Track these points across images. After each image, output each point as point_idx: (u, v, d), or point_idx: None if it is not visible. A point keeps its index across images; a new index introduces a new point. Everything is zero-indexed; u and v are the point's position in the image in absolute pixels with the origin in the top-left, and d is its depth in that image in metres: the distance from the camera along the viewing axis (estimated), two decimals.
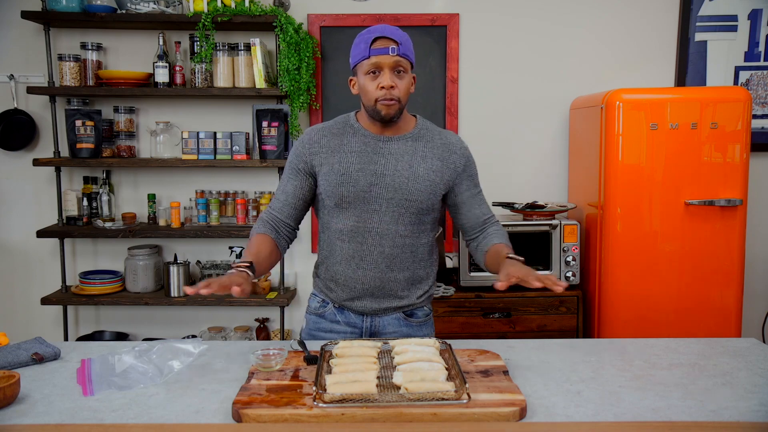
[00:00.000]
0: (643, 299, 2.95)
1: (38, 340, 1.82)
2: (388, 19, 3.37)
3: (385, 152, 1.88)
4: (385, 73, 1.80)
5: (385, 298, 1.92)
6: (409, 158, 1.88)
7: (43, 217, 3.50)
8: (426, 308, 2.02)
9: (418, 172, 1.87)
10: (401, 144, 1.90)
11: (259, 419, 1.37)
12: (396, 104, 1.83)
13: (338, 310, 1.97)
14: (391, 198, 1.86)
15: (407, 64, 1.83)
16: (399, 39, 1.80)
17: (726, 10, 3.40)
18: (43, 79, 3.40)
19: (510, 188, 3.50)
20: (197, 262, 3.50)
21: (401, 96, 1.83)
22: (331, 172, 1.87)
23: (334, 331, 1.97)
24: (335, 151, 1.89)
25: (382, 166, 1.87)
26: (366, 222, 1.87)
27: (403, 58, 1.81)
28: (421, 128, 1.95)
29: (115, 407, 1.46)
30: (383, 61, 1.80)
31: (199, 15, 3.16)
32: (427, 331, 2.01)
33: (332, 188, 1.87)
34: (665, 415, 1.42)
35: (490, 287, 3.07)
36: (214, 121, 3.47)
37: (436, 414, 1.37)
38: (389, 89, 1.80)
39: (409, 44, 1.83)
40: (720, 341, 1.92)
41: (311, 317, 2.02)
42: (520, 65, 3.46)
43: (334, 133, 1.92)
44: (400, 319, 1.96)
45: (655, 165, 2.90)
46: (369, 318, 1.95)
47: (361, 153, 1.88)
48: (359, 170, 1.86)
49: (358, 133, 1.91)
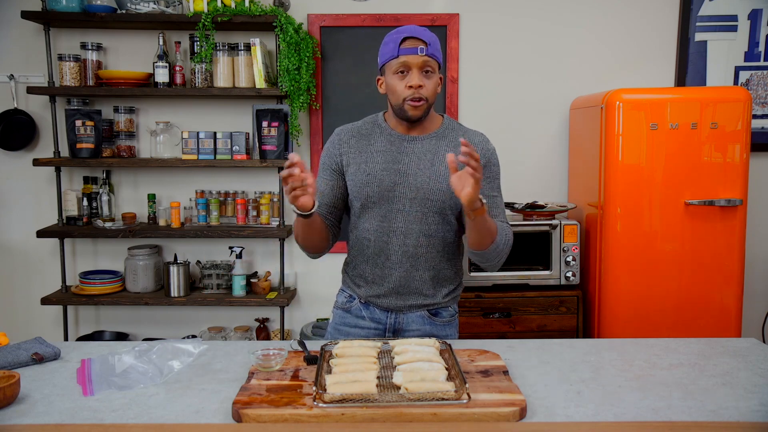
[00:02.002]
0: (643, 299, 2.95)
1: (38, 340, 1.82)
2: (388, 19, 3.38)
3: (409, 152, 1.90)
4: (413, 72, 1.81)
5: (410, 295, 1.94)
6: (432, 157, 1.89)
7: (43, 217, 3.50)
8: (451, 308, 2.02)
9: (439, 171, 1.88)
10: (425, 143, 1.91)
11: (259, 419, 1.37)
12: (423, 104, 1.84)
13: (364, 305, 1.98)
14: (414, 197, 1.87)
15: (435, 65, 1.84)
16: (428, 39, 1.81)
17: (726, 10, 3.40)
18: (43, 79, 3.40)
19: (510, 188, 3.48)
20: (197, 262, 3.50)
21: (428, 95, 1.84)
22: (358, 172, 1.90)
23: (359, 326, 1.98)
24: (362, 151, 1.92)
25: (405, 165, 1.88)
26: (391, 221, 1.89)
27: (432, 58, 1.82)
28: (446, 127, 1.95)
29: (115, 407, 1.46)
30: (412, 61, 1.81)
31: (199, 15, 3.16)
32: (450, 332, 2.01)
33: (358, 188, 1.89)
34: (665, 415, 1.42)
35: (490, 287, 3.09)
36: (214, 121, 3.47)
37: (436, 414, 1.37)
38: (417, 88, 1.81)
39: (437, 44, 1.85)
40: (720, 341, 1.92)
41: (338, 312, 2.05)
42: (520, 65, 3.46)
43: (363, 134, 1.94)
44: (424, 317, 1.96)
45: (655, 165, 2.90)
46: (393, 314, 1.96)
47: (386, 152, 1.90)
48: (384, 170, 1.88)
49: (384, 133, 1.93)
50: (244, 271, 3.37)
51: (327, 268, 3.53)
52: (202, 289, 3.46)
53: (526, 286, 3.11)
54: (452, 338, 2.00)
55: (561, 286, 3.11)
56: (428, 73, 1.83)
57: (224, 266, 3.43)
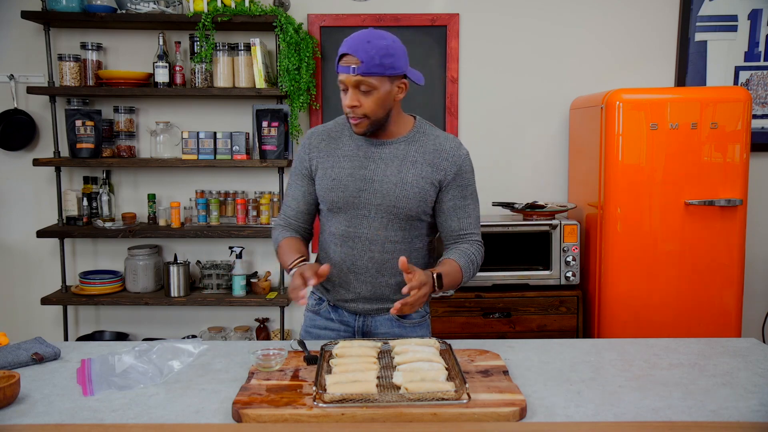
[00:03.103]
0: (643, 299, 2.95)
1: (38, 340, 1.82)
2: (388, 19, 3.38)
3: (376, 157, 1.86)
4: (349, 91, 1.76)
5: (377, 300, 1.92)
6: (399, 163, 1.85)
7: (43, 217, 3.50)
8: (422, 310, 2.00)
9: (406, 179, 1.84)
10: (393, 148, 1.86)
11: (259, 419, 1.37)
12: (363, 121, 1.79)
13: (332, 308, 1.97)
14: (380, 204, 1.84)
15: (375, 82, 1.73)
16: (363, 57, 1.70)
17: (726, 10, 3.40)
18: (43, 79, 3.40)
19: (510, 188, 3.50)
20: (197, 262, 3.50)
21: (367, 113, 1.77)
22: (325, 176, 1.88)
23: (329, 328, 1.97)
24: (330, 155, 1.89)
25: (371, 172, 1.85)
26: (357, 227, 1.86)
27: (367, 76, 1.72)
28: (417, 131, 1.90)
29: (115, 407, 1.46)
30: (345, 80, 1.75)
31: (199, 15, 3.16)
32: (421, 333, 1.99)
33: (324, 192, 1.88)
34: (665, 415, 1.42)
35: (490, 287, 3.09)
36: (214, 121, 3.47)
37: (436, 414, 1.37)
38: (351, 108, 1.77)
39: (380, 59, 1.71)
40: (720, 341, 1.92)
41: (308, 314, 2.04)
42: (520, 65, 3.46)
43: (332, 137, 1.92)
44: (392, 320, 1.95)
45: (655, 165, 2.90)
46: (362, 318, 1.95)
47: (354, 158, 1.86)
48: (350, 175, 1.85)
49: (353, 136, 1.89)
50: (244, 271, 3.37)
51: None
52: (202, 289, 3.46)
53: (526, 286, 3.11)
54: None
55: (561, 286, 3.11)
56: (366, 92, 1.75)
57: (224, 266, 3.43)
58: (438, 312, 3.03)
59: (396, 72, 1.77)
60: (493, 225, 3.10)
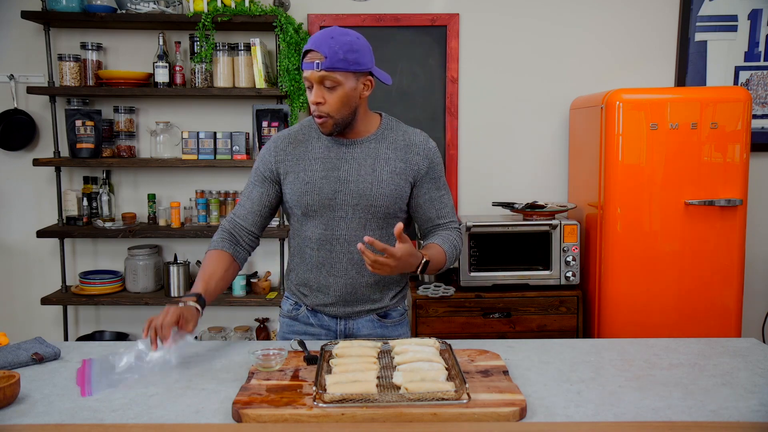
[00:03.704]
0: (643, 299, 2.95)
1: (38, 340, 1.82)
2: (388, 19, 3.38)
3: (349, 157, 1.84)
4: (314, 88, 1.75)
5: (357, 302, 1.91)
6: (372, 162, 1.84)
7: (43, 217, 3.50)
8: (400, 308, 2.00)
9: (381, 177, 1.83)
10: (365, 147, 1.85)
11: (259, 419, 1.37)
12: (327, 120, 1.77)
13: (311, 312, 1.95)
14: (357, 204, 1.83)
15: (339, 77, 1.72)
16: (327, 52, 1.70)
17: (726, 10, 3.40)
18: (43, 79, 3.40)
19: (510, 188, 3.50)
20: (197, 262, 3.50)
21: (330, 111, 1.76)
22: (296, 180, 1.85)
23: (309, 333, 1.96)
24: (300, 159, 1.86)
25: (345, 172, 1.83)
26: (333, 230, 1.85)
27: (331, 72, 1.71)
28: (384, 128, 1.89)
29: (115, 407, 1.46)
30: (309, 77, 1.74)
31: (199, 15, 3.16)
32: (402, 331, 1.99)
33: (297, 197, 1.85)
34: (665, 415, 1.42)
35: (491, 287, 3.09)
36: (214, 121, 3.47)
37: (436, 414, 1.37)
38: (315, 105, 1.76)
39: (344, 54, 1.71)
40: (720, 341, 1.92)
41: (285, 320, 2.01)
42: (520, 65, 3.46)
43: (300, 140, 1.89)
44: (374, 321, 1.94)
45: (655, 165, 2.90)
46: (343, 321, 1.93)
47: (325, 159, 1.85)
48: (323, 178, 1.83)
49: (322, 137, 1.87)
50: (244, 271, 3.37)
51: None
52: None
53: (526, 286, 3.11)
54: (405, 337, 1.97)
55: (561, 286, 3.11)
56: (330, 89, 1.74)
57: None
58: (438, 312, 3.03)
59: (360, 68, 1.75)
60: (493, 225, 3.10)
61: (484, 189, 3.45)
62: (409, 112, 3.43)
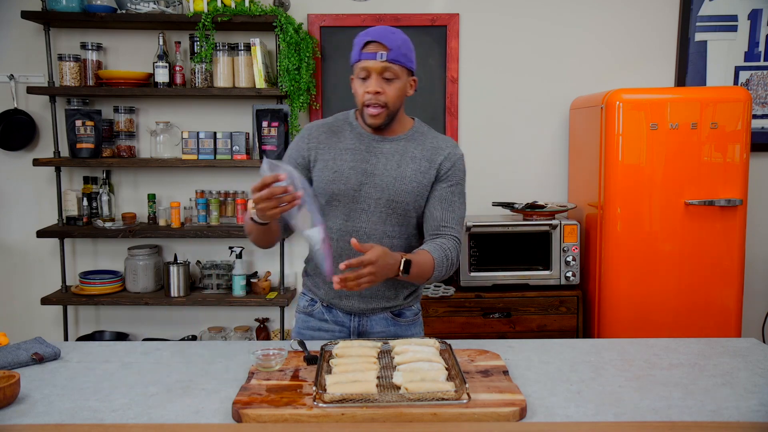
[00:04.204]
0: (643, 299, 2.95)
1: (38, 340, 1.82)
2: (388, 19, 3.37)
3: (378, 152, 1.88)
4: (372, 78, 1.79)
5: (372, 298, 1.92)
6: (399, 158, 1.87)
7: (43, 217, 3.50)
8: (414, 308, 2.01)
9: (405, 173, 1.86)
10: (393, 145, 1.89)
11: (259, 419, 1.37)
12: (383, 111, 1.81)
13: (326, 308, 1.97)
14: (379, 198, 1.85)
15: (398, 70, 1.80)
16: (390, 44, 1.77)
17: (726, 10, 3.40)
18: (43, 79, 3.40)
19: (510, 188, 3.50)
20: (197, 262, 3.50)
21: (388, 101, 1.81)
22: (325, 168, 1.88)
23: (323, 329, 1.97)
24: (331, 148, 1.89)
25: (372, 165, 1.86)
26: (355, 221, 1.87)
27: (393, 63, 1.78)
28: (416, 131, 1.93)
29: (115, 407, 1.46)
30: (370, 66, 1.78)
31: (199, 15, 3.16)
32: (415, 331, 2.00)
33: (324, 184, 1.87)
34: (665, 415, 1.42)
35: (491, 287, 3.09)
36: (214, 121, 3.47)
37: (436, 414, 1.37)
38: (374, 94, 1.79)
39: (404, 49, 1.80)
40: (720, 341, 1.92)
41: (300, 316, 2.03)
42: (520, 65, 3.46)
43: (333, 130, 1.93)
44: (388, 319, 1.95)
45: (655, 165, 2.90)
46: (357, 317, 1.94)
47: (355, 151, 1.88)
48: (351, 168, 1.86)
49: (355, 131, 1.91)
50: (244, 271, 3.37)
51: None
52: (202, 289, 3.46)
53: (526, 286, 3.11)
54: (418, 337, 1.97)
55: (561, 286, 3.11)
56: (389, 80, 1.79)
57: (224, 266, 3.43)
58: (438, 312, 3.03)
59: (413, 67, 1.85)
60: (493, 225, 3.10)
61: (484, 189, 3.44)
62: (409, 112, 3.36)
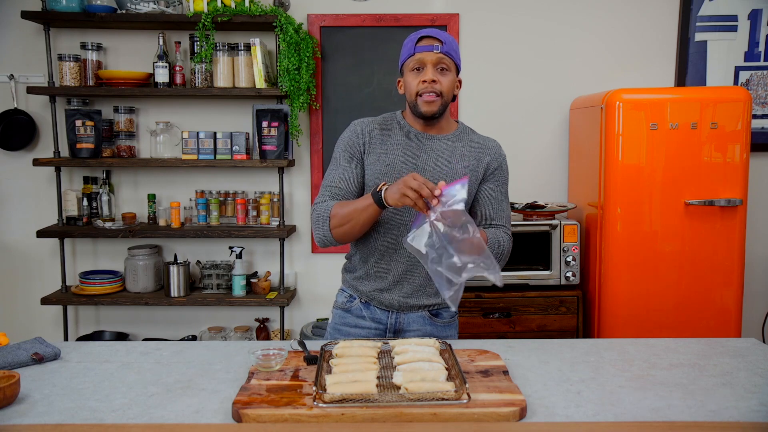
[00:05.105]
0: (643, 299, 2.95)
1: (38, 340, 1.82)
2: (388, 19, 3.38)
3: (427, 149, 1.93)
4: (427, 68, 1.86)
5: (413, 294, 1.94)
6: (449, 155, 1.93)
7: (43, 217, 3.50)
8: (452, 309, 2.01)
9: (456, 170, 1.91)
10: (442, 143, 1.94)
11: (259, 419, 1.37)
12: (438, 100, 1.87)
13: (365, 305, 1.98)
14: None
15: (450, 63, 1.88)
16: (443, 39, 1.87)
17: (726, 10, 3.40)
18: (43, 79, 3.40)
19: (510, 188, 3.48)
20: (197, 262, 3.50)
21: (443, 90, 1.87)
22: (377, 162, 1.92)
23: (360, 326, 1.98)
24: (383, 143, 1.94)
25: (423, 161, 1.91)
26: (403, 215, 1.90)
27: (446, 56, 1.86)
28: (461, 132, 1.99)
29: (115, 407, 1.46)
30: (426, 58, 1.85)
31: (199, 15, 3.16)
32: (450, 332, 2.02)
33: (376, 178, 1.91)
34: (665, 415, 1.42)
35: (491, 287, 3.09)
36: (214, 121, 3.47)
37: (436, 414, 1.37)
38: (431, 83, 1.85)
39: (454, 45, 1.90)
40: (720, 341, 1.92)
41: (338, 312, 2.05)
42: (520, 65, 3.46)
43: (383, 127, 1.97)
44: (425, 318, 1.97)
45: (655, 165, 2.90)
46: (395, 314, 1.96)
47: (406, 147, 1.93)
48: (403, 162, 1.91)
49: (404, 129, 1.96)
50: (244, 271, 3.37)
51: (327, 268, 3.53)
52: (202, 289, 3.46)
53: (526, 286, 3.11)
54: (452, 339, 2.00)
55: (561, 286, 3.11)
56: (443, 71, 1.87)
57: (224, 266, 3.43)
58: None
59: (460, 64, 1.93)
60: None
61: None
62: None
